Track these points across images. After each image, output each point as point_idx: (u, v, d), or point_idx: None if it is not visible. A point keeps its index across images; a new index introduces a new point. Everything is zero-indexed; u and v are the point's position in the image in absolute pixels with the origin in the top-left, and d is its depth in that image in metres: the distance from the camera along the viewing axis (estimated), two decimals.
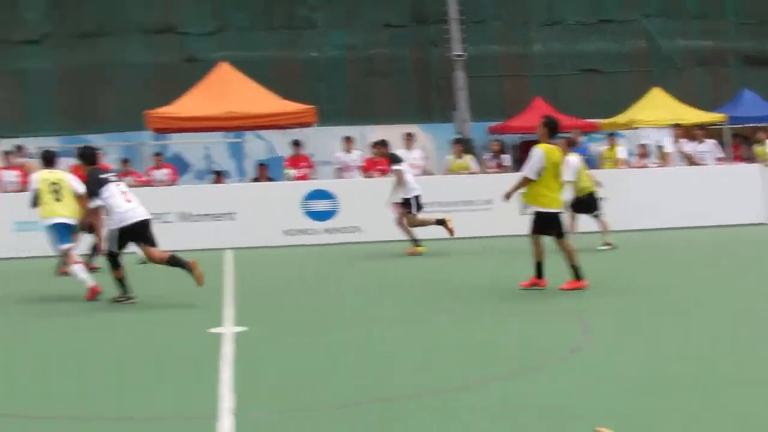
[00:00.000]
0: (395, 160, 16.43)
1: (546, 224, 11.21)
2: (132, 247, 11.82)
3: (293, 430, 5.87)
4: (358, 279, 13.59)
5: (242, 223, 18.27)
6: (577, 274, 11.17)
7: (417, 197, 16.14)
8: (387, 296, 11.52)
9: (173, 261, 11.47)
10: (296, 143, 20.48)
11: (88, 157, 11.99)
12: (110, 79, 25.50)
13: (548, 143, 11.30)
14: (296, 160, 20.15)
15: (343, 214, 18.56)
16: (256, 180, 21.26)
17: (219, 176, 23.12)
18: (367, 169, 19.64)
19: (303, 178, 19.79)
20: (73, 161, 21.62)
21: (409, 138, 20.42)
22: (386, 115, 25.75)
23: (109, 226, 11.50)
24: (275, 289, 12.64)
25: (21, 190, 18.35)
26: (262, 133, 24.46)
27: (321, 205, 18.53)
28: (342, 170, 20.18)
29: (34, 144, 23.29)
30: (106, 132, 24.72)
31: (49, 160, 13.17)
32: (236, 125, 21.16)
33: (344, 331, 9.17)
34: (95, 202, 11.49)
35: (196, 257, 16.43)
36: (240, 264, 15.53)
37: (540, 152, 11.14)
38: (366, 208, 18.23)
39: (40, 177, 12.84)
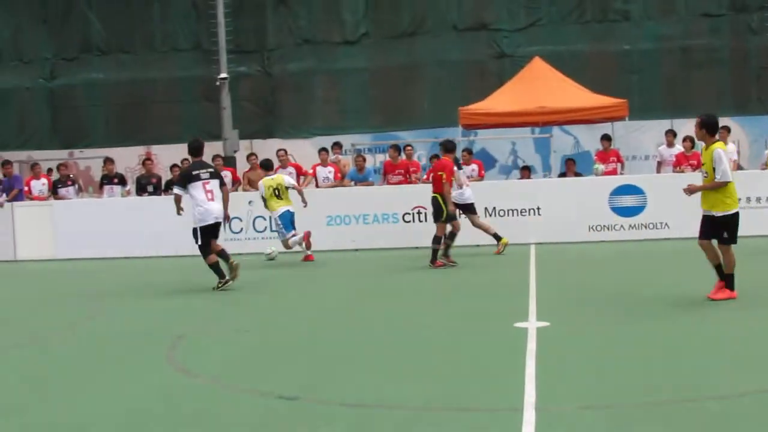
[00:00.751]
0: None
1: (722, 228, 10.34)
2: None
3: (594, 425, 5.86)
4: (659, 276, 13.18)
5: (547, 218, 18.26)
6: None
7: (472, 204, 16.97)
8: (674, 293, 11.01)
9: (222, 254, 13.16)
10: (606, 138, 20.19)
11: (193, 150, 13.45)
12: (422, 77, 26.24)
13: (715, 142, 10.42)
14: (606, 155, 19.87)
15: (650, 210, 18.10)
16: (563, 175, 21.15)
17: (525, 171, 23.20)
18: (678, 164, 19.01)
19: (612, 172, 19.49)
20: (383, 157, 22.57)
21: (722, 131, 19.47)
22: (699, 107, 24.63)
23: (194, 220, 13.04)
24: (578, 285, 12.52)
25: (334, 186, 19.31)
26: (569, 127, 24.28)
27: (628, 201, 18.15)
28: (662, 164, 19.67)
29: (350, 141, 24.48)
30: (416, 128, 25.52)
31: (267, 167, 16.79)
32: (546, 120, 21.13)
33: (646, 329, 8.98)
34: (177, 191, 13.12)
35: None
36: (544, 259, 15.56)
37: (723, 153, 10.29)
38: (675, 204, 17.67)
39: (264, 184, 16.47)
